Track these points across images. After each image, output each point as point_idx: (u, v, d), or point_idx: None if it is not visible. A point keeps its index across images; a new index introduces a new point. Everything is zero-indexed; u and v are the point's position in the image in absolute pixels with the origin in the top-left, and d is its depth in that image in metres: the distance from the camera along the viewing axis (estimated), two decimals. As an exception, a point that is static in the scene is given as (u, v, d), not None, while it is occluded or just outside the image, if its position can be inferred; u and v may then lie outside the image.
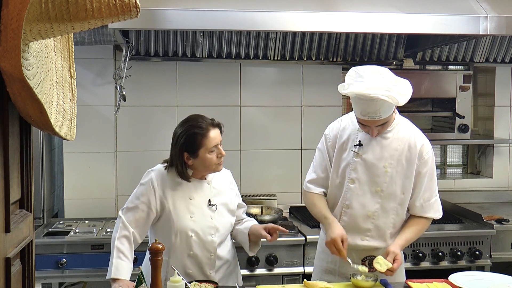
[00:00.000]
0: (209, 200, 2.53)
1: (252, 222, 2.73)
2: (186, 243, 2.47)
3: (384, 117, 2.36)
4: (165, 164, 2.55)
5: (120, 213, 2.50)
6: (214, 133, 2.46)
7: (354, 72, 2.38)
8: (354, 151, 2.49)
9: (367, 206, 2.50)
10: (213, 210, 2.53)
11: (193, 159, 2.46)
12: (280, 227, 2.56)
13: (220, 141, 2.49)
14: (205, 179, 2.56)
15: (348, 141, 2.53)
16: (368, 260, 2.49)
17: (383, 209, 2.50)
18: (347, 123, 2.57)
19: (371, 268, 2.45)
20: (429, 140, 4.14)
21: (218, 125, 2.51)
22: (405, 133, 2.50)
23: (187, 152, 2.46)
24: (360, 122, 2.44)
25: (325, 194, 2.64)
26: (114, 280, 2.37)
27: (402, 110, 4.17)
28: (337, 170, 2.56)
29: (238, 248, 3.21)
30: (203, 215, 2.51)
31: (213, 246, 2.51)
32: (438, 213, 2.56)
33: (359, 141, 2.49)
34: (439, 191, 4.10)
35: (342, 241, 2.41)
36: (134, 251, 2.49)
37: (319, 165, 2.63)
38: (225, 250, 2.60)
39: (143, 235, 2.51)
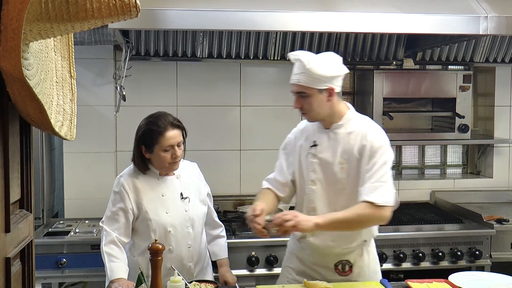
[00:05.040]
0: (181, 193, 2.62)
1: (221, 246, 2.82)
2: (165, 238, 2.53)
3: (303, 84, 2.31)
4: (132, 165, 2.64)
5: (101, 223, 2.59)
6: (171, 134, 2.52)
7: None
8: (310, 152, 2.46)
9: (332, 206, 2.42)
10: (186, 202, 2.61)
11: (149, 154, 2.56)
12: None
13: (179, 142, 2.54)
14: (173, 174, 2.64)
15: (306, 143, 2.50)
16: (340, 264, 2.47)
17: (349, 206, 2.39)
18: (306, 126, 2.54)
19: (344, 272, 2.45)
20: (429, 140, 4.17)
21: (179, 127, 2.56)
22: (357, 127, 2.42)
23: (144, 146, 2.55)
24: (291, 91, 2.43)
25: (277, 195, 2.58)
26: (113, 281, 2.43)
27: (401, 110, 4.20)
28: (300, 173, 2.51)
29: (238, 248, 3.21)
30: (178, 209, 2.59)
31: (191, 238, 2.61)
32: (381, 198, 2.28)
33: (314, 141, 2.46)
34: (439, 191, 4.17)
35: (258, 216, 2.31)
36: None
37: (277, 166, 2.61)
38: (201, 241, 2.69)
39: (128, 236, 2.59)
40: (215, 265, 2.81)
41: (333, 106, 2.39)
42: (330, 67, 2.33)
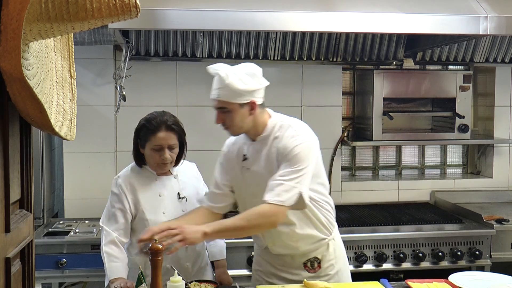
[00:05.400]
0: (178, 193, 2.62)
1: (219, 247, 2.79)
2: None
3: (223, 99, 2.27)
4: (130, 165, 2.68)
5: (101, 223, 2.61)
6: (162, 135, 2.52)
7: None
8: (243, 166, 2.42)
9: None
10: (183, 202, 2.61)
11: (142, 149, 2.59)
12: None
13: (170, 144, 2.53)
14: (171, 174, 2.65)
15: (238, 157, 2.45)
16: (309, 261, 2.46)
17: (292, 212, 2.36)
18: (236, 139, 2.50)
19: (313, 269, 2.45)
20: (429, 140, 4.17)
21: (174, 130, 2.54)
22: (279, 133, 2.37)
23: (139, 140, 2.59)
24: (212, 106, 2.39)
25: (212, 209, 2.51)
26: (112, 281, 2.44)
27: (401, 110, 4.21)
28: (239, 187, 2.47)
29: (238, 248, 3.20)
30: (175, 209, 2.59)
31: None
32: (275, 197, 2.21)
33: (244, 155, 2.42)
34: (439, 191, 4.17)
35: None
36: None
37: (213, 180, 2.54)
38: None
39: (127, 236, 2.60)
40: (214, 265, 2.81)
41: (255, 119, 2.34)
42: (250, 81, 2.27)
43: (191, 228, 2.22)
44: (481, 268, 3.38)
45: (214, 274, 2.77)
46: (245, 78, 2.26)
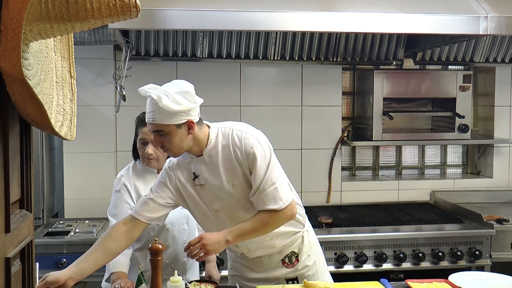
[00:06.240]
0: None
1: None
2: (163, 235, 2.58)
3: (158, 122, 2.18)
4: (130, 164, 2.73)
5: (108, 216, 2.63)
6: (146, 130, 2.53)
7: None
8: (197, 184, 2.35)
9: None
10: None
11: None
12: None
13: (153, 141, 2.51)
14: None
15: (187, 176, 2.37)
16: (287, 257, 2.46)
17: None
18: (178, 159, 2.41)
19: (291, 264, 2.46)
20: (429, 140, 4.18)
21: None
22: (226, 141, 2.31)
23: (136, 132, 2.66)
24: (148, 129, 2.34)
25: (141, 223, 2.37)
26: (113, 280, 2.45)
27: (401, 110, 4.21)
28: (198, 206, 2.39)
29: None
30: None
31: (186, 234, 2.66)
32: (279, 203, 2.24)
33: (193, 173, 2.35)
34: (439, 191, 4.17)
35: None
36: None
37: (155, 190, 2.37)
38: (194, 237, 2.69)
39: None
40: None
41: (195, 137, 2.27)
42: (184, 101, 2.19)
43: (212, 238, 2.23)
44: (481, 268, 3.39)
45: (203, 269, 2.80)
46: (179, 98, 2.19)
